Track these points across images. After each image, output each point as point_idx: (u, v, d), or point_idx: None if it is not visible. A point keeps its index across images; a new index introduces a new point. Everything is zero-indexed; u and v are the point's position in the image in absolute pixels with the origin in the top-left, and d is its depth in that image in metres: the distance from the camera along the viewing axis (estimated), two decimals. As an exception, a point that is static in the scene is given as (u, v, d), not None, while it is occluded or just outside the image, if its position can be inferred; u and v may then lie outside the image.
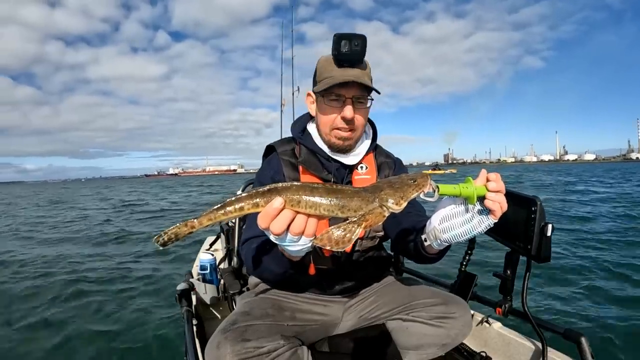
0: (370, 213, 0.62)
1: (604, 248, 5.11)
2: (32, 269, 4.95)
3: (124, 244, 6.75)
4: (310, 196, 0.59)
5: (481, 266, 3.96)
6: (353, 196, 0.61)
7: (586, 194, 13.02)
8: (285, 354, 0.86)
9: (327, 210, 0.60)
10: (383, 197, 0.63)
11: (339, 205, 0.60)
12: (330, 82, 0.99)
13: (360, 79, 0.99)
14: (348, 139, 1.06)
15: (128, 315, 3.24)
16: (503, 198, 0.70)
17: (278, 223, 0.59)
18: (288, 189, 0.59)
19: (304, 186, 0.60)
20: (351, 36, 0.97)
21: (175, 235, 0.61)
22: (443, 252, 0.88)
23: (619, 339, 2.54)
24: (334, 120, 1.03)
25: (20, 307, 3.52)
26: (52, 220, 11.06)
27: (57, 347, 2.69)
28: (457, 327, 1.01)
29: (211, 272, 1.80)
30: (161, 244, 0.61)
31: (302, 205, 0.59)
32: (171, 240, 0.61)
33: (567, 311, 3.02)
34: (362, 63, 1.02)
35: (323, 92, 1.02)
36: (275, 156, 1.13)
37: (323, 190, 0.60)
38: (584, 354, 0.99)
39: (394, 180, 0.65)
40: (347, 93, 1.00)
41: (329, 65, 1.02)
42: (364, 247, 1.12)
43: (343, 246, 0.60)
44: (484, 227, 0.73)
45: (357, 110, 1.02)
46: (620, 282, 3.70)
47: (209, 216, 0.60)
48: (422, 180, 0.65)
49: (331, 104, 1.03)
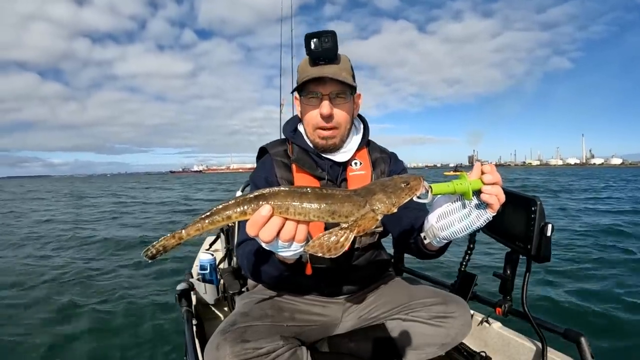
0: (363, 219, 0.60)
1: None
2: (31, 268, 4.96)
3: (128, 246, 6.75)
4: (298, 202, 0.57)
5: (481, 266, 3.97)
6: (344, 201, 0.59)
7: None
8: (285, 354, 0.86)
9: (317, 216, 0.58)
10: (375, 202, 0.61)
11: (330, 211, 0.58)
12: (304, 79, 1.00)
13: (335, 75, 0.99)
14: (331, 138, 1.05)
15: (128, 315, 3.23)
16: (500, 190, 0.69)
17: (267, 231, 0.57)
18: (276, 195, 0.58)
19: (292, 192, 0.58)
20: (320, 34, 0.99)
21: (164, 248, 0.60)
22: (444, 247, 0.88)
23: (619, 339, 2.54)
24: (315, 118, 1.04)
25: (18, 304, 3.52)
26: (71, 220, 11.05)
27: (56, 347, 2.69)
28: (456, 327, 1.01)
29: (211, 272, 1.80)
30: (149, 257, 0.60)
31: (290, 212, 0.58)
32: (159, 252, 0.60)
33: (567, 311, 3.02)
34: (336, 59, 1.02)
35: (302, 92, 1.04)
36: (268, 157, 1.13)
37: (312, 196, 0.58)
38: (584, 354, 0.99)
39: (387, 184, 0.63)
40: (323, 90, 1.01)
41: (306, 65, 1.03)
42: (363, 243, 1.11)
43: (335, 253, 0.59)
44: (482, 221, 0.71)
45: (337, 106, 1.02)
46: (620, 283, 3.70)
47: (195, 226, 0.59)
48: (415, 183, 0.64)
49: (310, 102, 1.04)
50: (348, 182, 1.09)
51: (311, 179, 1.06)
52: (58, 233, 8.26)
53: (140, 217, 10.92)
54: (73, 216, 11.77)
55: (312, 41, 0.98)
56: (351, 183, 1.08)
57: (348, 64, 1.05)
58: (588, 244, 5.44)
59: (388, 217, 0.66)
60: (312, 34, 0.99)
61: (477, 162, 0.71)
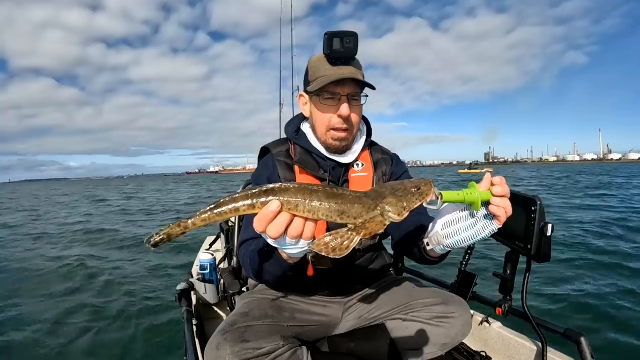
0: (371, 221, 0.60)
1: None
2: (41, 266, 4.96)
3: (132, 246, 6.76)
4: (308, 200, 0.56)
5: (481, 266, 3.97)
6: (354, 202, 0.59)
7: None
8: (285, 354, 0.86)
9: (326, 215, 0.57)
10: (385, 205, 0.60)
11: (339, 211, 0.58)
12: (325, 81, 0.98)
13: (356, 76, 0.98)
14: (345, 140, 1.05)
15: (128, 314, 3.24)
16: (508, 203, 0.69)
17: (275, 227, 0.57)
18: (286, 191, 0.57)
19: (302, 189, 0.57)
20: (343, 34, 0.97)
21: (168, 236, 0.57)
22: (445, 255, 0.88)
23: (619, 339, 2.54)
24: (330, 119, 1.02)
25: (18, 303, 3.52)
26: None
27: (55, 347, 2.69)
28: (457, 327, 1.01)
29: (211, 272, 1.80)
30: (153, 245, 0.57)
31: (299, 209, 0.57)
32: (163, 241, 0.57)
33: (567, 311, 3.02)
34: (354, 60, 1.02)
35: (318, 92, 1.01)
36: (270, 157, 1.12)
37: (323, 194, 0.57)
38: (584, 354, 0.99)
39: (397, 187, 0.63)
40: (342, 91, 1.00)
41: (322, 64, 1.01)
42: (364, 245, 1.11)
43: (340, 254, 0.58)
44: (488, 233, 0.72)
45: (352, 107, 1.02)
46: (620, 283, 3.70)
47: (202, 216, 0.57)
48: (426, 188, 0.63)
49: (326, 103, 1.02)
50: (350, 184, 1.08)
51: (313, 180, 1.06)
52: (74, 230, 8.32)
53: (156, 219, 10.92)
54: (86, 216, 11.81)
55: (334, 40, 0.97)
56: (353, 184, 1.08)
57: (360, 65, 1.05)
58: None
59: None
60: (335, 32, 0.97)
61: (487, 174, 0.71)
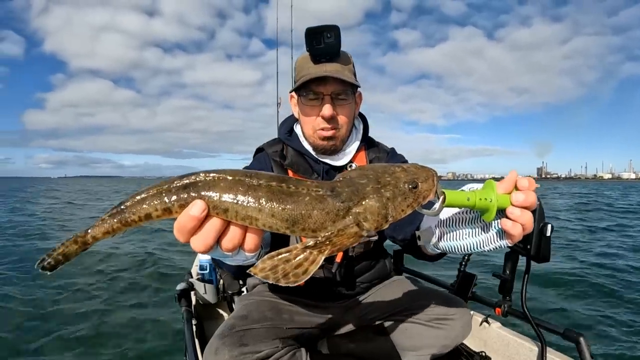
0: (340, 234, 0.41)
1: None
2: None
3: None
4: (243, 202, 0.40)
5: (481, 266, 3.97)
6: (313, 205, 0.40)
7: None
8: (284, 357, 0.85)
9: (269, 226, 0.40)
10: (361, 212, 0.42)
11: (288, 219, 0.40)
12: (304, 80, 0.94)
13: (338, 74, 0.93)
14: (332, 138, 1.00)
15: (128, 314, 3.24)
16: (530, 217, 0.52)
17: (201, 239, 0.42)
18: (213, 186, 0.40)
19: (237, 182, 0.40)
20: (323, 28, 0.91)
21: (64, 257, 0.44)
22: (442, 254, 0.83)
23: (618, 339, 2.54)
24: (315, 120, 0.99)
25: (17, 300, 3.53)
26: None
27: (54, 347, 2.70)
28: (456, 329, 1.01)
29: (210, 272, 1.80)
30: (48, 269, 0.44)
31: (230, 214, 0.40)
32: (60, 262, 0.44)
33: (566, 311, 3.02)
34: (339, 56, 0.96)
35: (301, 91, 0.98)
36: (265, 155, 1.09)
37: (265, 192, 0.40)
38: (583, 354, 0.99)
39: (385, 182, 0.44)
40: (325, 90, 0.95)
41: (306, 62, 0.97)
42: (356, 252, 1.06)
43: (295, 280, 0.41)
44: (492, 248, 0.57)
45: (338, 107, 0.98)
46: (620, 283, 3.70)
47: (102, 227, 0.43)
48: (425, 186, 0.45)
49: (310, 103, 0.98)
50: None
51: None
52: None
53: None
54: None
55: (314, 36, 0.91)
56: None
57: (350, 62, 1.00)
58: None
59: None
60: (314, 28, 0.91)
61: (512, 171, 0.53)
